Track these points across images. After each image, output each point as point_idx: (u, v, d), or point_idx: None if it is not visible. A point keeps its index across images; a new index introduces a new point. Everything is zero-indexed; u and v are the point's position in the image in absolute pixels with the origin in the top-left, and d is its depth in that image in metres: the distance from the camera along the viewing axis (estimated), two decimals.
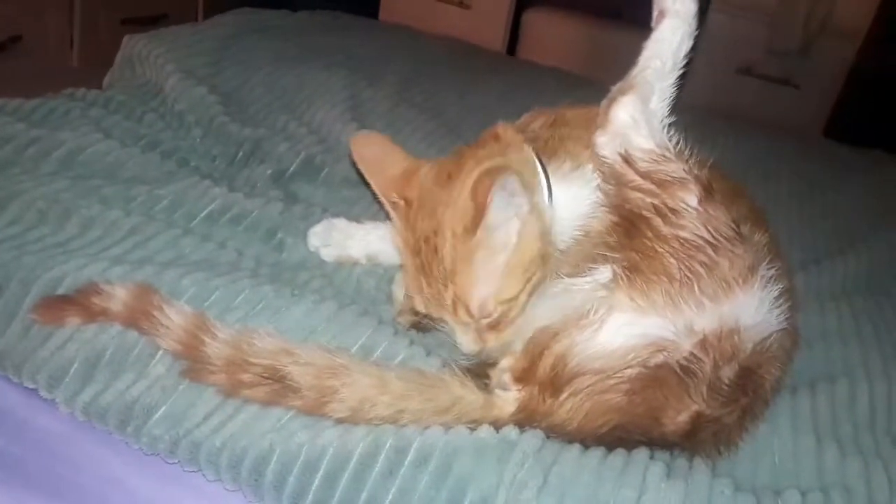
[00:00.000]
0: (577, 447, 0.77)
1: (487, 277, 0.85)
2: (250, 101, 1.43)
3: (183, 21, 1.86)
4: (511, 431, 0.77)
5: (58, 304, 0.82)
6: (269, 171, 1.22)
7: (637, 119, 0.86)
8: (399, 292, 0.98)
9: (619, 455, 0.76)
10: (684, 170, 0.82)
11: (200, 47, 1.48)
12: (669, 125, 0.89)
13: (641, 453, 0.77)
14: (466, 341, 0.89)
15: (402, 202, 0.92)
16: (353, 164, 0.99)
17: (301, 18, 1.90)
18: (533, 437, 0.76)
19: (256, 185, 1.19)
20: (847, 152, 1.89)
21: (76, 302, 0.82)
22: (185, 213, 1.05)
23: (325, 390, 0.77)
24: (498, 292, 0.86)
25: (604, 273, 0.80)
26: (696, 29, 0.93)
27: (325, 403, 0.77)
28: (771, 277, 0.79)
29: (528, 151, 0.91)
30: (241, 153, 1.26)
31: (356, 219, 1.11)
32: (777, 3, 2.63)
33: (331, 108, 1.43)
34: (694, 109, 0.92)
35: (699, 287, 0.76)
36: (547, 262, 0.87)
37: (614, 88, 0.90)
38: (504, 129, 0.94)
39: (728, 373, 0.77)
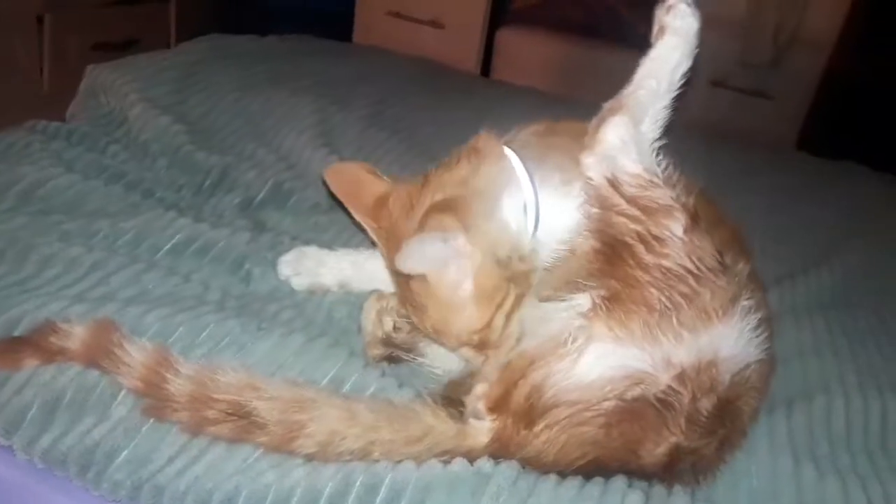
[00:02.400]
0: (553, 478, 0.75)
1: (454, 311, 0.85)
2: (217, 128, 1.41)
3: (155, 46, 1.84)
4: (486, 464, 0.75)
5: (12, 347, 0.79)
6: (236, 200, 1.21)
7: (626, 142, 0.83)
8: (367, 323, 0.96)
9: (596, 484, 0.75)
10: (671, 197, 0.80)
11: (165, 76, 1.47)
12: (659, 148, 0.86)
13: (619, 482, 0.75)
14: (468, 357, 0.89)
15: (381, 230, 0.92)
16: (331, 195, 0.98)
17: (269, 43, 1.88)
18: (508, 469, 0.74)
19: (224, 215, 1.18)
20: (819, 164, 1.90)
21: (32, 342, 0.79)
22: (149, 246, 1.02)
23: (293, 425, 0.75)
24: (467, 324, 0.85)
25: (583, 301, 0.78)
26: (697, 47, 0.90)
27: (292, 439, 0.75)
28: (751, 308, 0.78)
29: (505, 163, 0.88)
30: (207, 182, 1.24)
31: (328, 245, 1.09)
32: (746, 15, 2.66)
33: (300, 134, 1.41)
34: (669, 123, 0.90)
35: (679, 318, 0.74)
36: (521, 281, 0.85)
37: (605, 106, 0.87)
38: (485, 140, 0.90)
39: (706, 405, 0.75)
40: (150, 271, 0.96)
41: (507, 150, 0.89)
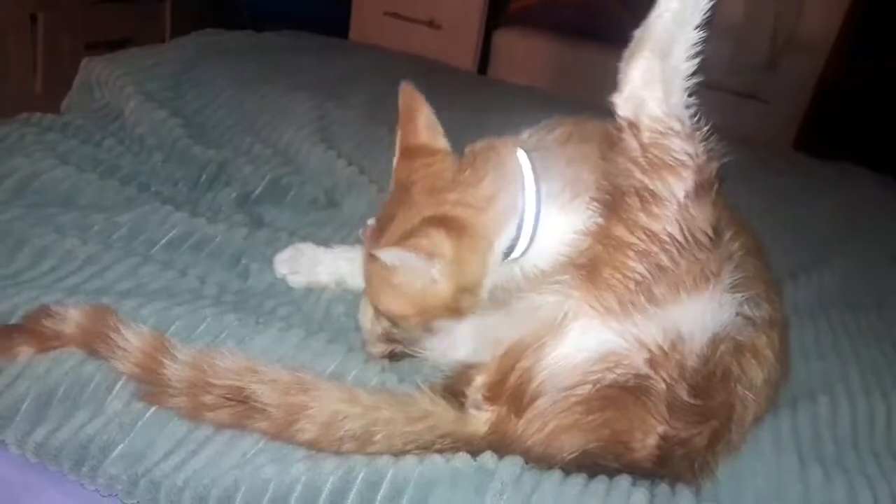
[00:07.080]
0: (557, 475, 0.74)
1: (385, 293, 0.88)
2: (213, 123, 1.40)
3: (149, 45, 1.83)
4: (489, 460, 0.73)
5: (6, 334, 0.77)
6: (233, 195, 1.19)
7: (652, 80, 0.76)
8: (365, 320, 0.94)
9: (600, 482, 0.73)
10: (688, 153, 0.74)
11: (161, 70, 1.45)
12: (691, 87, 0.79)
13: (623, 480, 0.74)
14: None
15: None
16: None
17: (266, 39, 1.87)
18: (511, 465, 0.73)
19: (220, 209, 1.16)
20: (817, 165, 1.90)
21: (25, 329, 0.78)
22: (144, 240, 1.01)
23: (293, 407, 0.73)
24: (396, 309, 0.88)
25: (566, 278, 0.77)
26: None
27: (293, 422, 0.73)
28: (733, 285, 0.75)
29: (517, 186, 0.86)
30: (204, 176, 1.23)
31: (325, 242, 1.08)
32: (743, 18, 2.66)
33: (298, 129, 1.40)
34: None
35: (653, 293, 0.72)
36: (454, 308, 0.86)
37: (635, 35, 0.79)
38: (504, 146, 0.89)
39: (683, 387, 0.73)
40: (146, 265, 0.95)
41: (522, 163, 0.87)
